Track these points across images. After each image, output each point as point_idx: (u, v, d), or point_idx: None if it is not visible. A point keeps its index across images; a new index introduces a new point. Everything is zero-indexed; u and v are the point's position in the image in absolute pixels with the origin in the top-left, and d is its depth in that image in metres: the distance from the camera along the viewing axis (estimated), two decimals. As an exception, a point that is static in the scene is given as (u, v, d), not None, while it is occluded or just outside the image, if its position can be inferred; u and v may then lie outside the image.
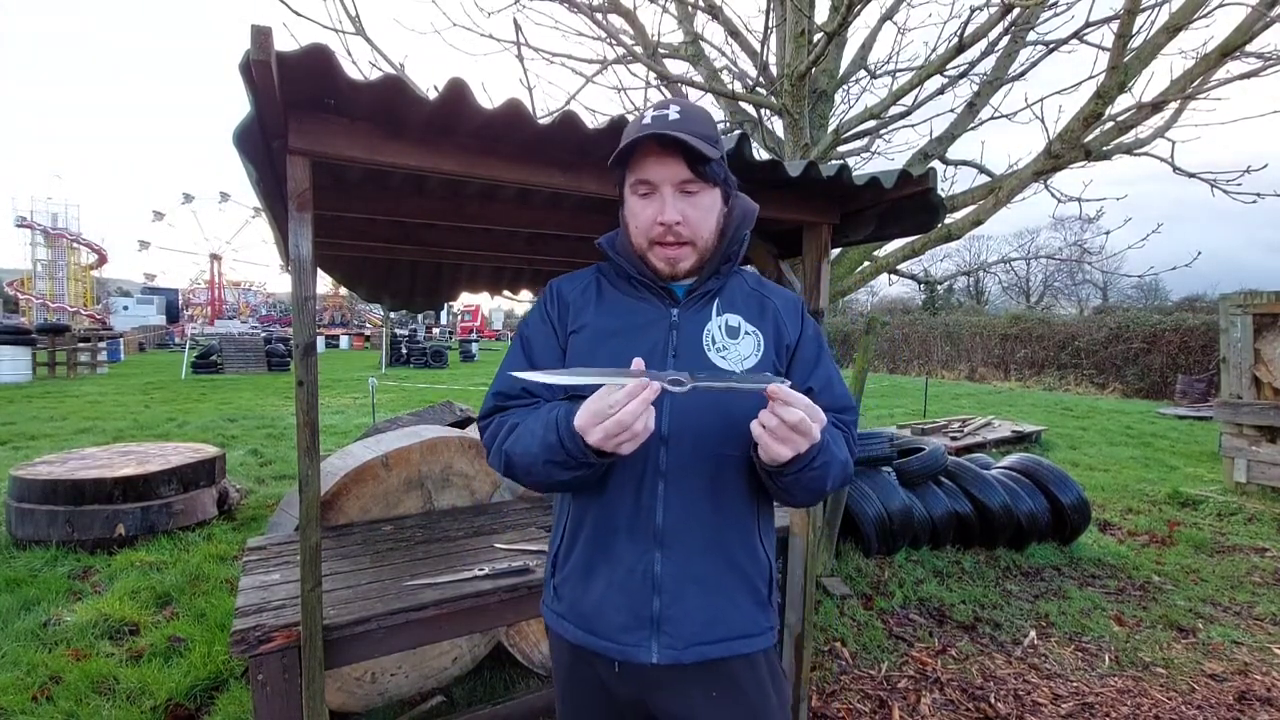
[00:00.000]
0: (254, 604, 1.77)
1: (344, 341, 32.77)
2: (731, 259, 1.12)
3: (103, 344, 17.65)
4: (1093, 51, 3.26)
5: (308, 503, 1.50)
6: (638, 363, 0.88)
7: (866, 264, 3.52)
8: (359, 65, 4.72)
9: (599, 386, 0.89)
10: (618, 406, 0.84)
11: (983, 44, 3.42)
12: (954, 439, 7.09)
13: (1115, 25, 2.36)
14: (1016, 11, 3.07)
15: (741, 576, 1.09)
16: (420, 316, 36.08)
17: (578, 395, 0.97)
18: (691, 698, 1.06)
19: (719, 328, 1.10)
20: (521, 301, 4.47)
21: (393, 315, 28.06)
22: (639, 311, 1.10)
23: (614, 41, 3.63)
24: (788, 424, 0.86)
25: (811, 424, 0.86)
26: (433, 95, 1.40)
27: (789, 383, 0.86)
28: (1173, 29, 2.43)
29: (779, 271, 2.33)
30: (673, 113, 1.01)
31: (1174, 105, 3.06)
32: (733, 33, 3.68)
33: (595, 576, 1.08)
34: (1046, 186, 3.44)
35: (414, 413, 5.14)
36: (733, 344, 1.09)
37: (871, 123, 3.67)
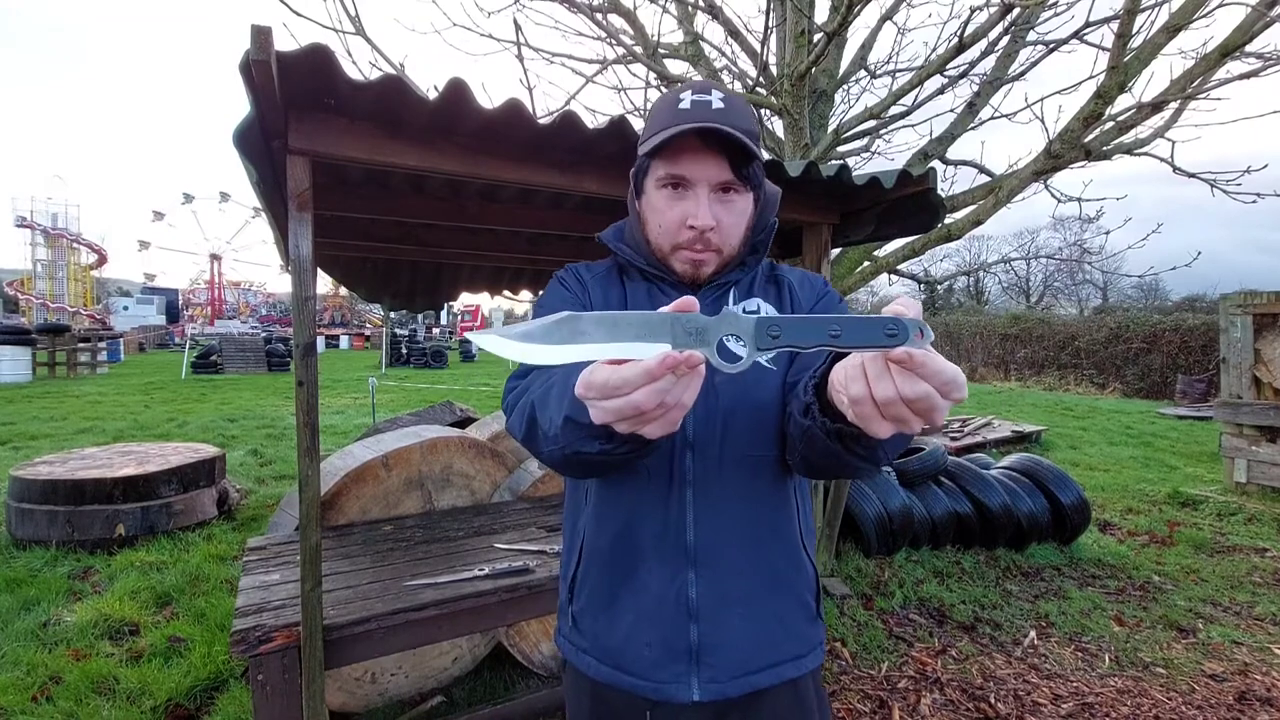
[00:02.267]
0: (254, 604, 1.78)
1: (344, 341, 32.80)
2: (759, 250, 1.00)
3: (103, 344, 17.65)
4: (1093, 51, 3.26)
5: (308, 503, 1.51)
6: (681, 304, 0.56)
7: (866, 264, 3.52)
8: (359, 65, 4.72)
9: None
10: (629, 386, 0.54)
11: (983, 44, 3.43)
12: (954, 439, 7.09)
13: (1115, 25, 2.36)
14: (1016, 11, 3.07)
15: (787, 590, 0.97)
16: (420, 316, 36.08)
17: None
18: None
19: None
20: (521, 301, 4.47)
21: (393, 315, 28.09)
22: (657, 302, 0.98)
23: (614, 41, 3.63)
24: (906, 399, 0.54)
25: (940, 401, 0.54)
26: (433, 95, 1.40)
27: (930, 338, 0.54)
28: (1173, 29, 2.43)
29: (779, 271, 2.33)
30: (715, 100, 0.87)
31: (1174, 105, 3.06)
32: (733, 33, 3.69)
33: (620, 606, 0.95)
34: (1046, 186, 3.44)
35: (414, 413, 5.15)
36: None
37: (871, 123, 3.67)
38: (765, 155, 0.98)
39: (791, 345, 0.54)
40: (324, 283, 28.26)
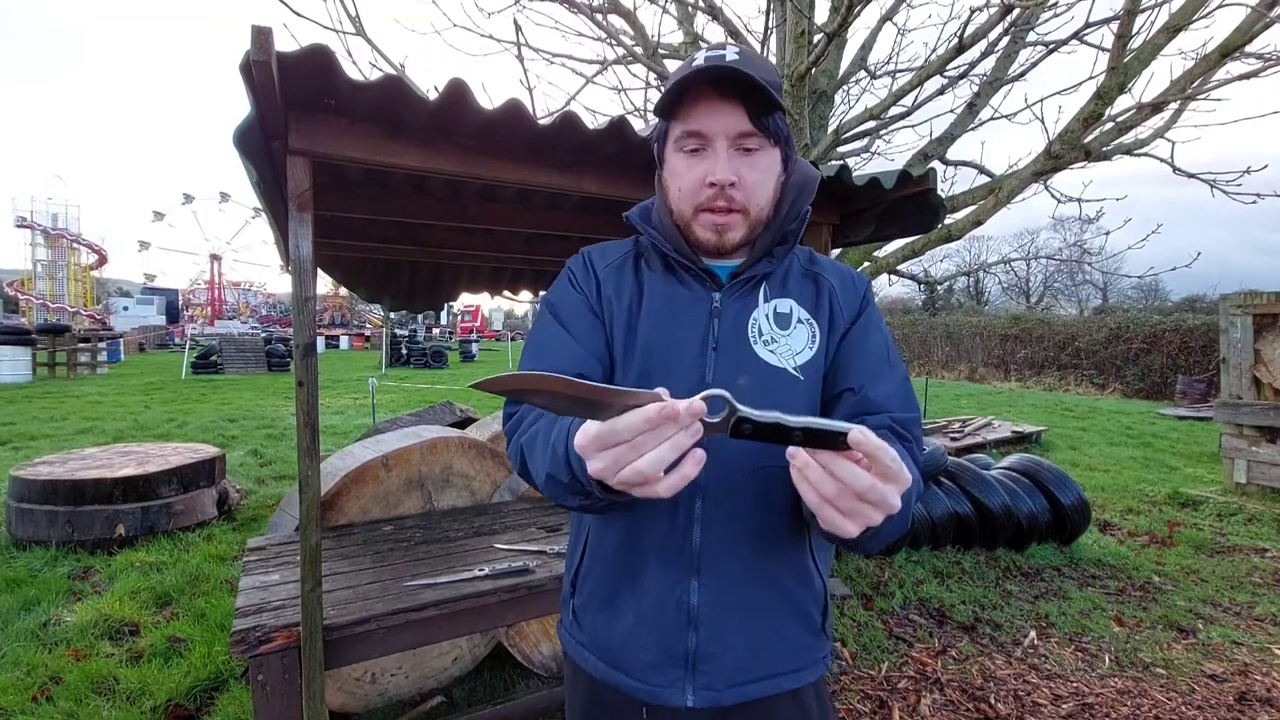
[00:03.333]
0: (254, 604, 1.78)
1: (344, 342, 32.78)
2: (789, 239, 0.94)
3: (103, 344, 17.64)
4: (1093, 52, 3.26)
5: (308, 503, 1.51)
6: (661, 393, 0.59)
7: (866, 264, 3.52)
8: (359, 65, 4.72)
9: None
10: (630, 433, 0.57)
11: (983, 44, 3.43)
12: (954, 439, 7.10)
13: (1115, 26, 2.37)
14: (1016, 12, 3.07)
15: (790, 603, 0.94)
16: (420, 316, 36.10)
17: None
18: None
19: (766, 316, 0.92)
20: (521, 301, 4.47)
21: (393, 315, 28.08)
22: (676, 295, 0.94)
23: (614, 42, 3.64)
24: (854, 491, 0.59)
25: (887, 491, 0.59)
26: (433, 96, 1.40)
27: (863, 431, 0.57)
28: (1172, 29, 2.43)
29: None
30: (730, 54, 0.82)
31: (1174, 106, 3.06)
32: (733, 33, 3.69)
33: (620, 606, 0.93)
34: (1046, 187, 3.44)
35: (414, 413, 5.15)
36: (783, 335, 0.91)
37: (871, 123, 3.67)
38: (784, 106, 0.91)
39: (764, 439, 0.59)
40: (324, 283, 28.26)
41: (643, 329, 0.92)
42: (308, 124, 1.43)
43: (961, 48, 2.98)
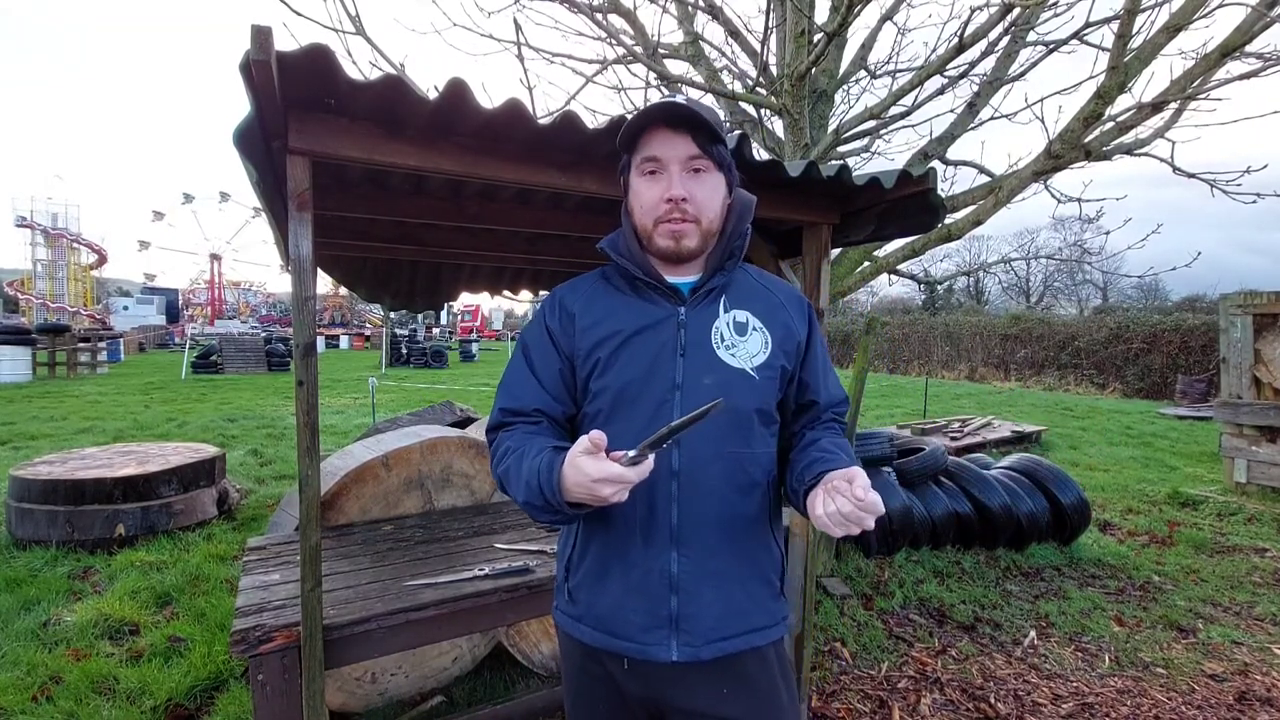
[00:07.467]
0: (254, 604, 1.77)
1: (344, 341, 32.77)
2: (735, 254, 1.12)
3: (103, 344, 17.63)
4: (1093, 51, 3.26)
5: (308, 503, 1.50)
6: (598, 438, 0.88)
7: (866, 264, 3.52)
8: (359, 65, 4.73)
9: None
10: (635, 476, 0.86)
11: (983, 44, 3.42)
12: (954, 439, 7.09)
13: (1115, 25, 2.37)
14: (1016, 11, 3.07)
15: (755, 569, 1.10)
16: (420, 316, 36.06)
17: (561, 446, 0.99)
18: (703, 694, 1.07)
19: (727, 324, 1.10)
20: (521, 301, 4.47)
21: (393, 315, 28.08)
22: (647, 312, 1.10)
23: (614, 41, 3.63)
24: (845, 516, 0.89)
25: (871, 513, 0.88)
26: (433, 95, 1.40)
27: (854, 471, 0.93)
28: (1173, 29, 2.43)
29: (779, 271, 2.33)
30: (679, 98, 1.04)
31: (1174, 105, 3.06)
32: (733, 33, 3.68)
33: (610, 579, 1.08)
34: (1046, 186, 3.44)
35: (414, 413, 5.15)
36: (741, 341, 1.09)
37: (871, 123, 3.67)
38: (730, 143, 1.18)
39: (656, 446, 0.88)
40: (324, 283, 28.24)
41: (623, 346, 1.08)
42: (307, 124, 1.43)
43: (961, 47, 2.97)
